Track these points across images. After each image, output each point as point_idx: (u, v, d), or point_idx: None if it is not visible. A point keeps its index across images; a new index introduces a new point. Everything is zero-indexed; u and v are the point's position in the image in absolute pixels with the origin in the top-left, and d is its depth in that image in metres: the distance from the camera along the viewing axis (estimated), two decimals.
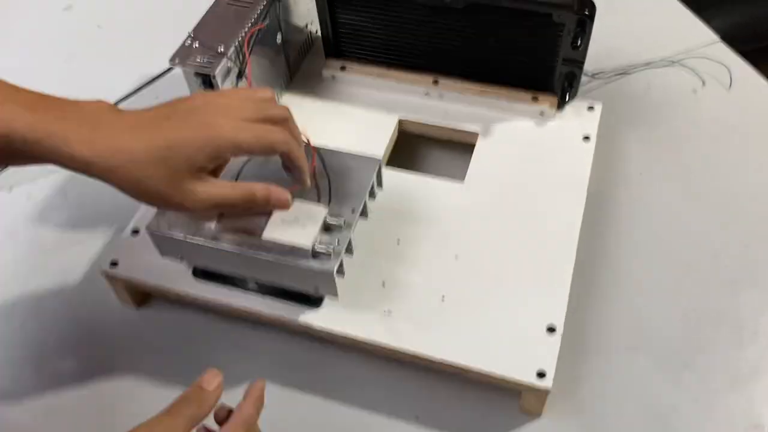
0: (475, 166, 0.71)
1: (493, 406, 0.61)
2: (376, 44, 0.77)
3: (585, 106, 0.75)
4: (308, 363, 0.64)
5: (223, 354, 0.65)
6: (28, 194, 0.79)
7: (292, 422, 0.61)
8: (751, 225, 0.71)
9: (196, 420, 0.46)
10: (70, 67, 0.93)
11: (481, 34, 0.71)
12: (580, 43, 0.68)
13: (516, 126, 0.74)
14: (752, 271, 0.67)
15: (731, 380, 0.61)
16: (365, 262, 0.63)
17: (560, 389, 0.59)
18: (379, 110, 0.76)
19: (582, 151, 0.71)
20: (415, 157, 0.79)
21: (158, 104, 0.52)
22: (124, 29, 0.97)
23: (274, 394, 0.63)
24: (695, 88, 0.82)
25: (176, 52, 0.66)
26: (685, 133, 0.78)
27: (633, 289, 0.67)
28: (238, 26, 0.67)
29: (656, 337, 0.64)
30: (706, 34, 0.88)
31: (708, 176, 0.75)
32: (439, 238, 0.65)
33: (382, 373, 0.63)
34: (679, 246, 0.69)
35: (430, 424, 0.60)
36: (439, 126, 0.75)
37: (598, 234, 0.70)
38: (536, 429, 0.60)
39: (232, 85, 0.66)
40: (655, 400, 0.60)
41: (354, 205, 0.59)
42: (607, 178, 0.74)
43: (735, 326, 0.64)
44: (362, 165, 0.61)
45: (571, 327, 0.61)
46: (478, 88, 0.75)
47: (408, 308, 0.60)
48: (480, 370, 0.56)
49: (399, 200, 0.68)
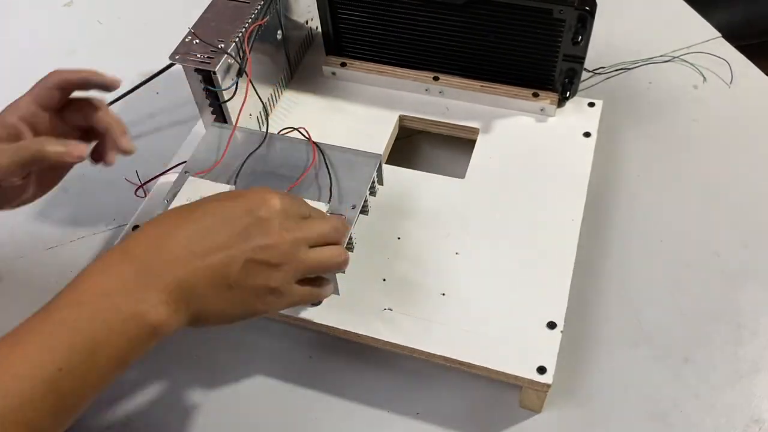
0: (475, 162, 0.71)
1: (493, 402, 0.61)
2: (376, 41, 0.77)
3: (585, 103, 0.75)
4: (309, 359, 0.64)
5: (223, 351, 0.65)
6: None
7: (292, 418, 0.61)
8: (752, 220, 0.71)
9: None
10: (70, 63, 0.92)
11: (481, 30, 0.71)
12: (581, 39, 0.67)
13: (516, 122, 0.74)
14: (752, 267, 0.67)
15: (731, 376, 0.61)
16: (366, 258, 0.63)
17: (561, 384, 0.59)
18: (379, 106, 0.76)
19: (583, 147, 0.71)
20: (416, 154, 0.79)
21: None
22: (124, 25, 0.97)
23: (274, 390, 0.63)
24: (696, 84, 0.82)
25: (177, 49, 0.65)
26: (685, 128, 0.78)
27: (633, 285, 0.67)
28: (239, 22, 0.67)
29: (656, 333, 0.64)
30: (706, 29, 0.88)
31: (709, 172, 0.75)
32: (439, 235, 0.65)
33: (383, 369, 0.63)
34: (679, 242, 0.69)
35: (430, 420, 0.60)
36: (440, 122, 0.75)
37: (599, 229, 0.70)
38: (536, 424, 0.60)
39: (232, 81, 0.66)
40: (656, 395, 0.60)
41: (354, 201, 0.59)
42: (608, 174, 0.74)
43: (735, 322, 0.64)
44: (363, 161, 0.61)
45: (571, 322, 0.61)
46: (479, 85, 0.75)
47: (409, 304, 0.60)
48: (481, 365, 0.57)
49: (399, 197, 0.68)
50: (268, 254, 0.48)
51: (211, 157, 0.63)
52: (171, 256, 0.46)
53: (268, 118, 0.73)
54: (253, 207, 0.49)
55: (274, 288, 0.49)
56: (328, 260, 0.52)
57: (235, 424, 0.61)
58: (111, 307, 0.43)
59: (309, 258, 0.50)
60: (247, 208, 0.49)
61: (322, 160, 0.61)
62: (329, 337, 0.61)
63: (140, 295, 0.44)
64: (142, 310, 0.44)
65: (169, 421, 0.61)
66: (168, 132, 0.83)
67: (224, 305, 0.48)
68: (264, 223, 0.48)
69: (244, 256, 0.47)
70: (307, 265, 0.50)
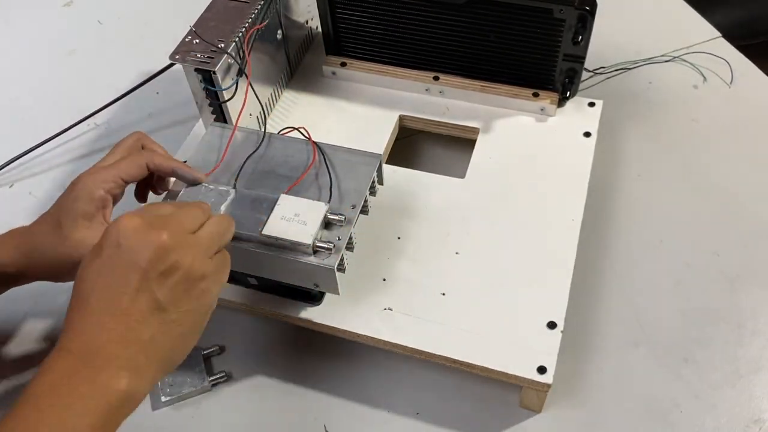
0: (475, 162, 0.71)
1: (493, 402, 0.61)
2: (376, 41, 0.77)
3: (586, 102, 0.75)
4: (309, 359, 0.64)
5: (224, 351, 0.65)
6: (29, 191, 0.79)
7: (292, 417, 0.61)
8: (752, 220, 0.71)
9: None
10: (70, 63, 0.93)
11: (481, 30, 0.71)
12: (581, 38, 0.67)
13: (517, 122, 0.74)
14: (752, 267, 0.67)
15: (731, 376, 0.61)
16: (366, 258, 0.63)
17: (561, 384, 0.60)
18: (379, 106, 0.76)
19: (583, 147, 0.71)
20: (416, 154, 0.79)
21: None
22: (124, 25, 0.97)
23: (274, 389, 0.63)
24: (696, 83, 0.82)
25: (177, 48, 0.65)
26: (686, 128, 0.78)
27: (634, 285, 0.67)
28: (239, 22, 0.67)
29: (657, 333, 0.64)
30: (707, 29, 0.88)
31: (709, 171, 0.75)
32: (439, 235, 0.65)
33: (383, 368, 0.63)
34: (679, 242, 0.69)
35: (430, 420, 0.60)
36: (440, 122, 0.75)
37: (599, 230, 0.70)
38: (536, 424, 0.60)
39: (232, 81, 0.66)
40: (656, 395, 0.60)
41: (354, 201, 0.59)
42: (608, 174, 0.74)
43: (735, 323, 0.64)
44: (363, 161, 0.61)
45: (571, 322, 0.61)
46: (479, 85, 0.75)
47: (409, 304, 0.60)
48: (481, 365, 0.57)
49: (400, 196, 0.68)
50: (167, 259, 0.46)
51: (211, 157, 0.63)
52: (99, 329, 0.45)
53: (266, 119, 0.73)
54: (121, 241, 0.46)
55: (199, 276, 0.47)
56: (218, 227, 0.51)
57: (235, 424, 0.61)
58: (76, 388, 0.43)
59: (200, 236, 0.49)
60: (117, 247, 0.46)
61: (322, 160, 0.61)
62: (329, 337, 0.61)
63: (98, 376, 0.43)
64: (105, 381, 0.43)
65: (169, 421, 0.61)
66: (168, 132, 0.83)
67: (174, 327, 0.47)
68: (140, 240, 0.46)
69: (150, 277, 0.45)
70: (204, 240, 0.49)
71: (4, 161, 0.81)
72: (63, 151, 0.82)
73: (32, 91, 0.89)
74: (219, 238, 0.50)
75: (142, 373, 0.45)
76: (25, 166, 0.81)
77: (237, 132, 0.65)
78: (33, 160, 0.82)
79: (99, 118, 0.84)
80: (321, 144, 0.62)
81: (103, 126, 0.84)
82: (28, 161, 0.82)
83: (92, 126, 0.84)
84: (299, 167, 0.61)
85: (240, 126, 0.66)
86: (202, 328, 0.49)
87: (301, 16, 0.79)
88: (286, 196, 0.58)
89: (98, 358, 0.44)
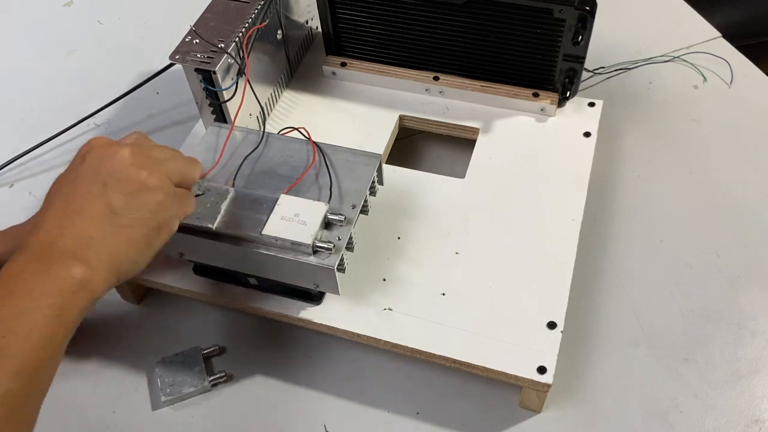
0: (475, 162, 0.71)
1: (493, 402, 0.61)
2: (376, 41, 0.77)
3: (586, 102, 0.75)
4: (309, 359, 0.64)
5: (223, 350, 0.65)
6: (29, 191, 0.79)
7: (292, 417, 0.61)
8: (752, 220, 0.71)
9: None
10: (70, 62, 0.93)
11: (481, 30, 0.71)
12: (581, 39, 0.67)
13: (517, 122, 0.74)
14: (752, 267, 0.67)
15: (731, 375, 0.61)
16: (366, 258, 0.63)
17: (561, 384, 0.60)
18: (379, 106, 0.76)
19: (583, 147, 0.71)
20: (416, 154, 0.79)
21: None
22: (124, 25, 0.97)
23: (274, 389, 0.63)
24: (696, 84, 0.82)
25: (177, 48, 0.65)
26: (686, 128, 0.78)
27: (633, 285, 0.67)
28: (239, 22, 0.67)
29: (656, 333, 0.64)
30: (707, 29, 0.88)
31: (709, 172, 0.75)
32: (439, 235, 0.65)
33: (383, 368, 0.63)
34: (679, 242, 0.69)
35: (430, 420, 0.60)
36: (440, 122, 0.75)
37: (599, 230, 0.70)
38: (537, 424, 0.60)
39: (232, 81, 0.66)
40: (656, 395, 0.61)
41: (354, 201, 0.59)
42: (608, 174, 0.75)
43: (735, 323, 0.64)
44: (363, 161, 0.61)
45: (571, 322, 0.61)
46: (479, 85, 0.75)
47: (409, 304, 0.60)
48: (481, 365, 0.57)
49: (400, 196, 0.68)
50: (126, 170, 0.50)
51: (210, 157, 0.63)
52: (54, 227, 0.48)
53: (265, 119, 0.73)
54: (87, 155, 0.51)
55: (153, 188, 0.50)
56: (183, 161, 0.55)
57: (235, 424, 0.61)
58: (31, 278, 0.46)
59: (162, 159, 0.53)
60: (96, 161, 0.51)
61: (322, 160, 0.61)
62: (329, 336, 0.61)
63: (51, 267, 0.46)
64: (58, 270, 0.46)
65: (169, 421, 0.61)
66: (168, 132, 0.83)
67: (125, 231, 0.49)
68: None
69: (107, 183, 0.49)
70: (165, 163, 0.52)
71: (4, 161, 0.81)
72: (63, 151, 0.82)
73: (32, 91, 0.89)
74: (181, 169, 0.54)
75: (94, 268, 0.48)
76: (25, 166, 0.81)
77: (236, 132, 0.65)
78: (33, 160, 0.82)
79: (99, 118, 0.84)
80: (321, 144, 0.62)
81: (103, 126, 0.84)
82: (28, 161, 0.82)
83: (92, 126, 0.84)
84: (299, 167, 0.61)
85: (239, 126, 0.66)
86: (154, 245, 0.51)
87: (301, 16, 0.79)
88: (286, 196, 0.58)
89: (53, 252, 0.47)
